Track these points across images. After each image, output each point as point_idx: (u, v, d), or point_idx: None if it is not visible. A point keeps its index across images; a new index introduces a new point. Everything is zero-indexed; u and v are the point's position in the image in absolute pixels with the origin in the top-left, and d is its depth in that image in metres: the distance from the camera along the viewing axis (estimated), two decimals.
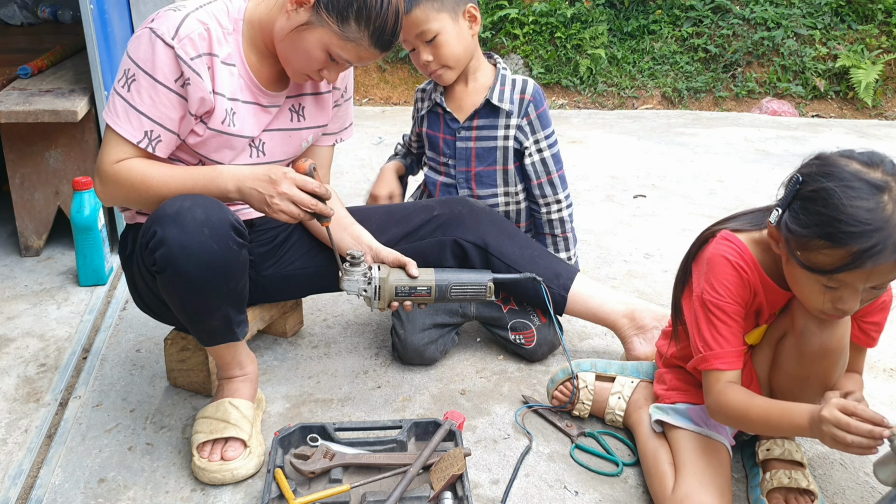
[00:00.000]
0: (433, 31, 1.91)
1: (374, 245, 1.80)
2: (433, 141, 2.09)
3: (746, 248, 1.46)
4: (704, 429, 1.56)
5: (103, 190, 1.66)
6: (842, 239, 1.24)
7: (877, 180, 1.26)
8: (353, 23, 1.56)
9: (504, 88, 2.01)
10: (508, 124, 2.01)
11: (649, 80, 5.15)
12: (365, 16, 1.56)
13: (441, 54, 1.94)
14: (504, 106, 2.00)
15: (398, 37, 1.63)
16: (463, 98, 2.05)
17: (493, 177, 2.05)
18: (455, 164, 2.06)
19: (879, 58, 4.94)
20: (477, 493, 1.59)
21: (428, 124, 2.10)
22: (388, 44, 1.61)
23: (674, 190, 3.38)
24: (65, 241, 2.69)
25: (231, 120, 1.67)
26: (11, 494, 1.61)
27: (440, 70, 1.97)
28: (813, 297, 1.35)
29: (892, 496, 1.41)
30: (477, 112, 2.01)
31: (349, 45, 1.59)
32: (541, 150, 2.03)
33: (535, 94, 2.01)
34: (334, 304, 2.33)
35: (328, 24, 1.57)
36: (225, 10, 1.67)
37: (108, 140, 1.63)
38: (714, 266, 1.47)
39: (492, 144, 2.03)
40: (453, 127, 2.04)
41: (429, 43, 1.93)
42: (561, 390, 1.82)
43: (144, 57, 1.57)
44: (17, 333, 2.21)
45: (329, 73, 1.67)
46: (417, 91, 2.15)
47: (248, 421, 1.68)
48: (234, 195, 1.61)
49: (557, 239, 2.10)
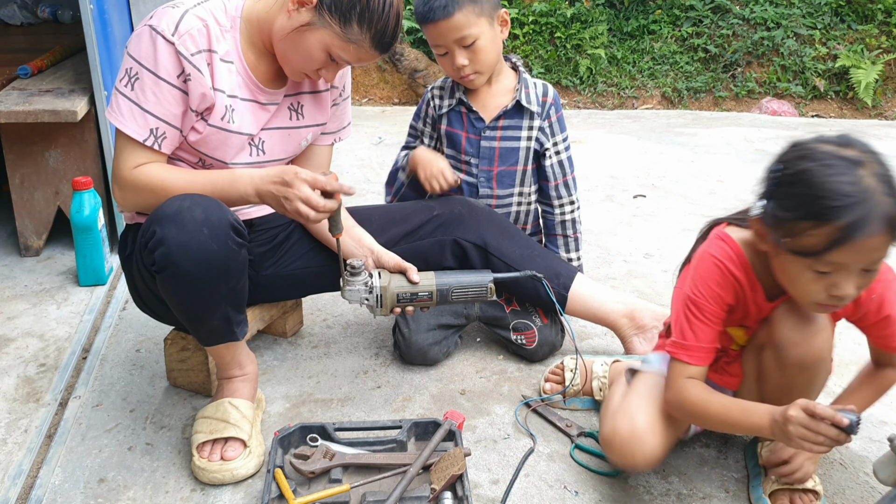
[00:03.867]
0: (473, 35, 1.91)
1: (376, 249, 1.80)
2: (455, 139, 2.08)
3: (739, 248, 1.46)
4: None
5: (123, 196, 1.66)
6: (826, 215, 1.25)
7: (853, 156, 1.28)
8: (355, 25, 1.57)
9: (529, 91, 2.03)
10: (532, 126, 2.03)
11: (649, 80, 5.15)
12: (367, 18, 1.57)
13: (478, 59, 1.94)
14: (532, 107, 2.01)
15: (397, 39, 1.64)
16: (487, 99, 2.05)
17: (513, 177, 2.06)
18: (478, 164, 2.06)
19: (879, 58, 4.94)
20: (477, 493, 1.59)
21: (449, 122, 2.08)
22: (387, 46, 1.63)
23: (673, 190, 3.38)
24: (65, 241, 2.69)
25: (230, 117, 1.67)
26: (11, 494, 1.61)
27: (473, 75, 1.97)
28: (806, 287, 1.34)
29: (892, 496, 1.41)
30: (504, 113, 2.02)
31: (351, 46, 1.60)
32: (559, 152, 2.06)
33: (556, 98, 2.05)
34: (334, 304, 2.33)
35: (330, 25, 1.58)
36: (222, 7, 1.67)
37: (121, 146, 1.63)
38: (700, 264, 1.48)
39: (515, 145, 2.04)
40: (478, 126, 2.05)
41: (467, 48, 1.93)
42: (552, 370, 1.88)
43: (146, 54, 1.57)
44: (16, 333, 2.21)
45: (327, 72, 1.68)
46: (432, 89, 2.11)
47: (248, 421, 1.68)
48: (254, 198, 1.62)
49: (569, 240, 2.11)
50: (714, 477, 1.63)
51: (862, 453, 1.70)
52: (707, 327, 1.46)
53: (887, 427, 1.79)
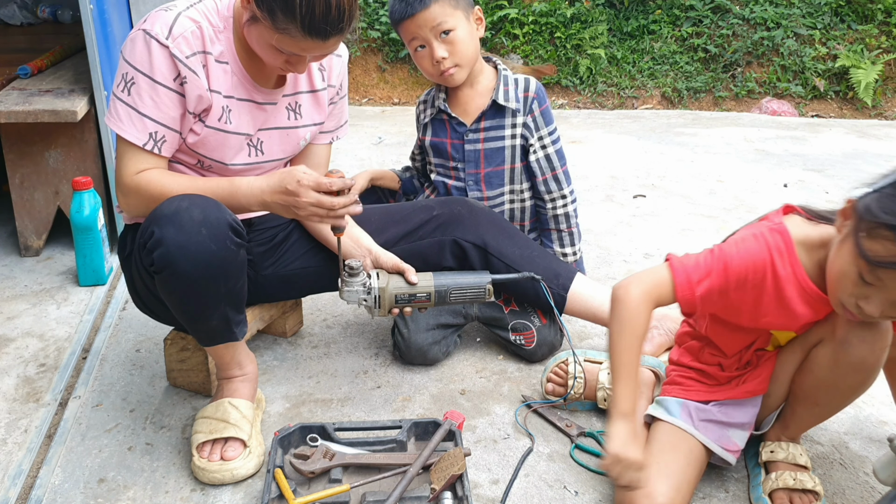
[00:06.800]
0: (450, 25, 1.93)
1: (374, 249, 1.80)
2: (440, 148, 2.09)
3: (794, 251, 1.41)
4: (689, 426, 1.55)
5: (126, 202, 1.66)
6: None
7: None
8: (279, 13, 1.51)
9: (508, 88, 2.02)
10: (515, 123, 2.02)
11: (649, 80, 5.15)
12: (289, 5, 1.49)
13: (457, 51, 1.96)
14: (510, 105, 2.01)
15: (337, 24, 1.53)
16: (468, 102, 2.05)
17: (502, 177, 2.06)
18: (464, 168, 2.07)
19: (879, 58, 4.94)
20: (477, 493, 1.59)
21: (432, 132, 2.10)
22: (323, 31, 1.53)
23: (673, 190, 3.38)
24: (64, 241, 2.69)
25: (227, 117, 1.67)
26: (11, 494, 1.61)
27: (453, 69, 1.98)
28: (844, 284, 1.32)
29: (892, 496, 1.41)
30: (483, 114, 2.02)
31: (284, 37, 1.53)
32: (545, 146, 2.04)
33: (538, 92, 2.03)
34: (334, 304, 2.33)
35: (262, 18, 1.54)
36: (214, 7, 1.66)
37: (122, 152, 1.63)
38: (755, 242, 1.42)
39: (500, 145, 2.04)
40: (460, 131, 2.05)
41: (445, 40, 1.94)
42: (555, 371, 1.85)
43: (141, 59, 1.57)
44: (16, 333, 2.21)
45: (291, 65, 1.62)
46: (418, 104, 2.16)
47: (248, 421, 1.68)
48: (257, 209, 1.63)
49: (563, 234, 2.11)
50: (714, 477, 1.63)
51: (862, 453, 1.70)
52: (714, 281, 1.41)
53: (887, 427, 1.79)
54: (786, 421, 1.60)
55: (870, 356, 1.41)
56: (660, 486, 1.44)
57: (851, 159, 3.82)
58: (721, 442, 1.55)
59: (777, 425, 1.61)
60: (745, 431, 1.59)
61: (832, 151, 3.95)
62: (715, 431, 1.56)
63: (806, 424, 1.60)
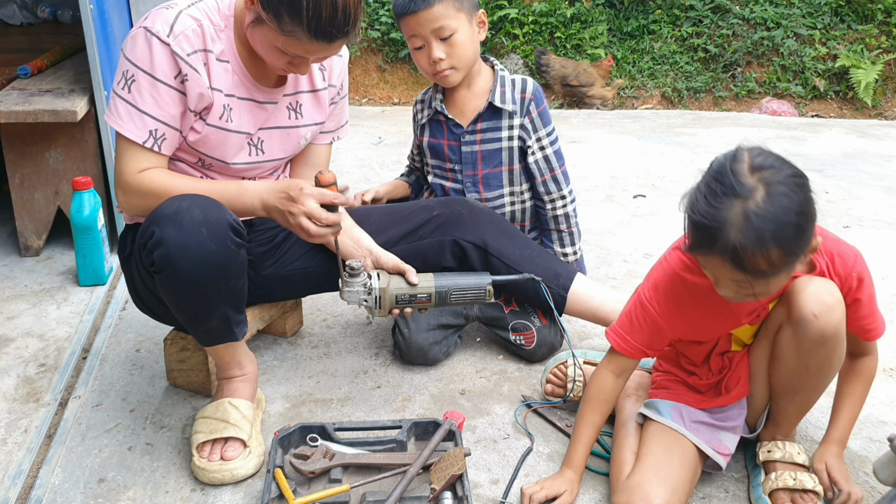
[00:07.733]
0: (452, 28, 1.92)
1: (374, 249, 1.80)
2: (437, 149, 2.09)
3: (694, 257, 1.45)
4: (681, 427, 1.56)
5: (126, 201, 1.66)
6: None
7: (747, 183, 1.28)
8: (286, 16, 1.51)
9: (505, 90, 2.02)
10: (512, 125, 2.02)
11: (649, 80, 5.15)
12: (296, 8, 1.50)
13: (455, 53, 1.94)
14: (507, 107, 2.00)
15: (342, 27, 1.54)
16: (465, 103, 2.05)
17: (500, 178, 2.06)
18: (461, 169, 2.06)
19: (879, 58, 4.95)
20: (477, 493, 1.59)
21: (430, 133, 2.10)
22: (329, 34, 1.53)
23: (673, 190, 3.37)
24: (64, 241, 2.69)
25: (228, 116, 1.67)
26: (11, 494, 1.61)
27: (449, 71, 1.97)
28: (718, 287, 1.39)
29: (892, 496, 1.41)
30: (480, 116, 2.02)
31: (290, 39, 1.54)
32: (543, 147, 2.04)
33: (536, 93, 2.02)
34: (334, 304, 2.33)
35: (268, 20, 1.54)
36: (215, 6, 1.66)
37: (122, 150, 1.63)
38: (659, 269, 1.55)
39: (497, 146, 2.03)
40: (457, 132, 2.05)
41: (444, 41, 1.93)
42: (554, 372, 1.85)
43: (142, 56, 1.57)
44: (16, 333, 2.21)
45: (294, 66, 1.63)
46: (415, 103, 2.15)
47: (248, 421, 1.68)
48: (260, 212, 1.63)
49: (563, 234, 2.10)
50: (714, 477, 1.63)
51: (862, 453, 1.70)
52: (644, 329, 1.54)
53: (887, 427, 1.79)
54: (775, 419, 1.61)
55: (826, 327, 1.42)
56: (656, 488, 1.44)
57: (851, 159, 3.82)
58: (712, 444, 1.56)
59: (769, 424, 1.62)
60: (735, 435, 1.60)
61: (832, 151, 3.95)
62: (706, 433, 1.57)
63: (794, 417, 1.60)
